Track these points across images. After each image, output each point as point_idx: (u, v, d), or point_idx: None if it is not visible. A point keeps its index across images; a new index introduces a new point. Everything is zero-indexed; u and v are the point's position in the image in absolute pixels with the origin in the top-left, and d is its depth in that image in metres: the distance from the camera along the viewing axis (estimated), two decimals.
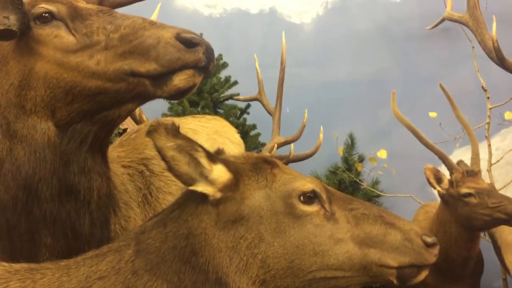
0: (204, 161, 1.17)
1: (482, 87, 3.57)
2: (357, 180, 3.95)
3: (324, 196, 1.21)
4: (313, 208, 1.18)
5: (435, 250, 1.19)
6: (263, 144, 3.82)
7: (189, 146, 1.15)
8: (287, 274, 1.16)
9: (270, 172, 1.23)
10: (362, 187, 3.93)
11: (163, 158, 1.14)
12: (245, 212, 1.17)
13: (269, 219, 1.17)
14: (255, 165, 1.24)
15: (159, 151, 1.13)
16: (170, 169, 1.15)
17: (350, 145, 4.11)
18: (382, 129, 4.27)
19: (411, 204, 3.72)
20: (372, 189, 3.92)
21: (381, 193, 3.92)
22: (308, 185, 1.20)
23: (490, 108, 3.54)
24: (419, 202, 3.64)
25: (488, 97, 3.56)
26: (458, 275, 2.97)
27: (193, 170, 1.16)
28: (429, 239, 1.19)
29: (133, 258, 1.15)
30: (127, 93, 1.26)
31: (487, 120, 3.52)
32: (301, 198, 1.19)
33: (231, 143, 2.31)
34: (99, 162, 1.37)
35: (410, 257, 1.18)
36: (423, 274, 1.19)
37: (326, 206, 1.20)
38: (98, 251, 1.20)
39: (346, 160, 4.07)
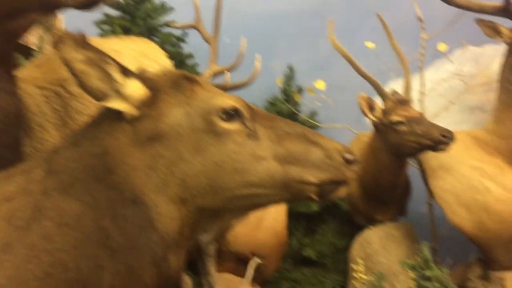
0: (116, 74, 1.10)
1: (418, 17, 3.59)
2: (295, 111, 3.97)
3: (246, 113, 1.17)
4: (234, 126, 1.15)
5: (355, 167, 1.21)
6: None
7: (100, 58, 1.07)
8: (207, 192, 1.14)
9: (190, 89, 1.18)
10: (300, 118, 3.96)
11: (72, 71, 1.05)
12: (163, 129, 1.13)
13: (189, 137, 1.13)
14: (175, 81, 1.18)
15: (67, 64, 1.04)
16: (80, 84, 1.07)
17: (289, 76, 4.09)
18: (322, 61, 4.26)
19: (347, 135, 3.81)
20: (310, 120, 3.96)
21: (319, 124, 3.98)
22: (228, 101, 1.16)
23: (425, 39, 3.59)
24: (355, 133, 3.73)
25: (423, 28, 3.60)
26: (387, 200, 3.13)
27: (105, 84, 1.09)
28: (349, 156, 1.20)
29: (44, 178, 1.08)
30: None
31: (421, 51, 3.58)
32: (222, 115, 1.15)
33: (160, 66, 2.22)
34: (4, 79, 1.26)
35: (330, 174, 1.18)
36: (343, 190, 1.21)
37: (248, 123, 1.17)
38: (6, 172, 1.12)
39: (285, 91, 4.06)
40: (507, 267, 2.71)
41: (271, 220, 3.03)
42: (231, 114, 1.15)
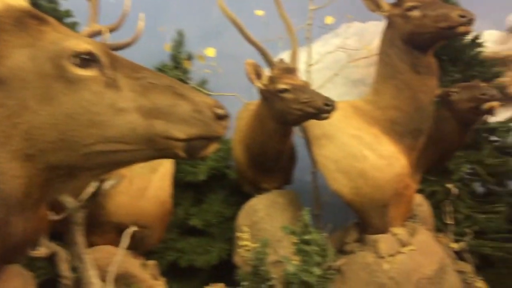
0: None
1: None
2: (185, 78, 3.85)
3: (104, 59, 1.05)
4: (89, 73, 1.03)
5: (225, 122, 1.15)
6: None
7: None
8: (59, 148, 1.00)
9: (37, 29, 1.02)
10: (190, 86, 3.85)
11: None
12: (4, 74, 0.97)
13: (35, 84, 0.98)
14: (18, 19, 1.02)
15: None
16: None
17: (179, 42, 3.94)
18: (213, 28, 4.17)
19: (238, 104, 3.77)
20: (200, 88, 3.87)
21: (209, 92, 3.90)
22: (83, 45, 1.03)
23: (312, 9, 3.64)
24: (245, 102, 3.71)
25: None
26: (273, 168, 3.16)
27: None
28: (220, 111, 1.13)
29: None
30: None
31: (309, 21, 3.63)
32: (75, 59, 1.01)
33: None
34: None
35: (198, 129, 1.11)
36: (212, 147, 1.15)
37: (107, 71, 1.05)
38: None
39: (174, 57, 3.91)
40: (381, 230, 2.88)
41: (155, 189, 2.91)
42: (87, 59, 1.02)
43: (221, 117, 1.13)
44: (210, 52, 3.69)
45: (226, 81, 4.01)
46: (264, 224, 3.08)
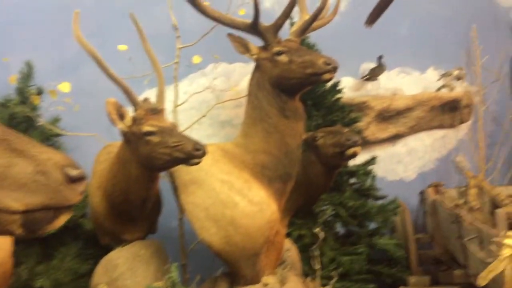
0: None
1: (173, 25, 3.50)
2: (33, 115, 3.39)
3: None
4: None
5: (80, 187, 0.90)
6: None
7: None
8: None
9: None
10: (39, 124, 3.39)
11: None
12: None
13: None
14: None
15: None
16: None
17: (27, 74, 3.48)
18: (68, 61, 3.79)
19: (96, 145, 3.41)
20: (51, 127, 3.44)
21: (62, 132, 3.48)
22: None
23: (179, 48, 3.50)
24: (105, 142, 3.38)
25: (178, 36, 3.52)
26: (136, 217, 2.87)
27: None
28: (73, 172, 0.88)
29: None
30: None
31: (176, 60, 3.48)
32: None
33: None
34: None
35: (42, 197, 0.84)
36: (62, 219, 0.88)
37: None
38: None
39: (20, 91, 3.44)
40: (252, 281, 2.75)
41: None
42: None
43: (75, 180, 0.88)
44: (64, 87, 3.31)
45: (83, 120, 3.63)
46: (126, 280, 2.76)
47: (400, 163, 5.07)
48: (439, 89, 5.01)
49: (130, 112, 2.61)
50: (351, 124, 3.89)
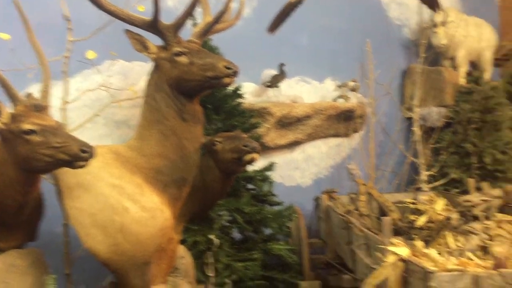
0: None
1: (65, 16, 3.24)
2: None
3: None
4: None
5: None
6: None
7: None
8: None
9: None
10: None
11: None
12: None
13: None
14: None
15: None
16: None
17: None
18: None
19: None
20: None
21: None
22: None
23: (71, 41, 3.26)
24: None
25: (70, 28, 3.27)
26: (11, 223, 2.59)
27: None
28: None
29: None
30: None
31: (66, 54, 3.23)
32: None
33: None
34: None
35: None
36: None
37: None
38: None
39: None
40: None
41: None
42: None
43: None
44: None
45: None
46: None
47: (297, 169, 5.18)
48: (335, 99, 5.20)
49: (7, 108, 2.36)
50: (251, 129, 3.89)
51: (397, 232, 4.19)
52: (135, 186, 2.65)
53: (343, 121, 5.23)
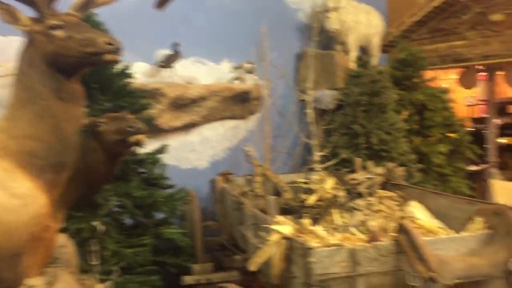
0: None
1: None
2: None
3: None
4: None
5: None
6: None
7: None
8: None
9: None
10: None
11: None
12: None
13: None
14: None
15: None
16: None
17: None
18: None
19: None
20: None
21: None
22: None
23: None
24: None
25: None
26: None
27: None
28: None
29: None
30: None
31: None
32: None
33: None
34: None
35: None
36: None
37: None
38: None
39: None
40: (13, 284, 2.40)
41: None
42: None
43: None
44: None
45: None
46: None
47: (193, 152, 5.12)
48: (231, 81, 5.18)
49: None
50: (141, 110, 3.75)
51: (289, 211, 4.32)
52: (3, 171, 2.42)
53: (239, 103, 5.24)
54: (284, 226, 2.39)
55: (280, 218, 2.54)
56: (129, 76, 3.78)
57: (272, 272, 2.40)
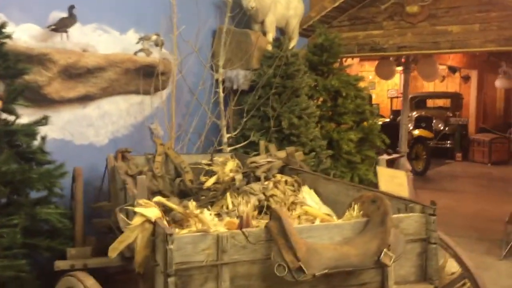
0: None
1: None
2: None
3: None
4: None
5: None
6: None
7: None
8: None
9: None
10: None
11: None
12: None
13: None
14: None
15: None
16: None
17: None
18: None
19: None
20: None
21: None
22: None
23: None
24: None
25: None
26: None
27: None
28: None
29: None
30: None
31: None
32: None
33: None
34: None
35: None
36: None
37: None
38: None
39: None
40: None
41: None
42: None
43: None
44: None
45: None
46: None
47: (91, 127, 4.74)
48: (136, 52, 4.84)
49: None
50: (17, 75, 3.34)
51: (187, 193, 4.10)
52: None
53: (144, 77, 4.90)
54: (150, 209, 2.16)
55: (146, 200, 2.30)
56: (7, 36, 3.35)
57: (136, 259, 2.17)
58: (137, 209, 2.14)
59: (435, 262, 2.35)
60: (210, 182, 4.01)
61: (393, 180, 4.51)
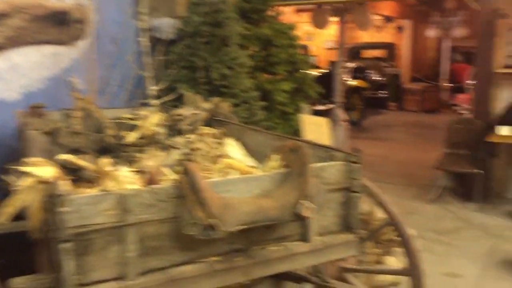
0: None
1: None
2: None
3: None
4: None
5: None
6: None
7: None
8: None
9: None
10: None
11: None
12: None
13: None
14: None
15: None
16: None
17: None
18: None
19: None
20: None
21: None
22: None
23: None
24: None
25: None
26: None
27: None
28: None
29: None
30: None
31: None
32: None
33: None
34: None
35: None
36: None
37: None
38: None
39: None
40: None
41: None
42: None
43: None
44: None
45: None
46: None
47: (0, 80, 4.30)
48: None
49: None
50: None
51: (109, 150, 3.83)
52: None
53: (57, 25, 4.46)
54: (44, 168, 1.92)
55: (39, 159, 2.04)
56: None
57: (29, 224, 1.93)
58: (24, 168, 1.89)
59: (357, 211, 2.28)
60: (132, 137, 3.76)
61: (318, 129, 4.42)
